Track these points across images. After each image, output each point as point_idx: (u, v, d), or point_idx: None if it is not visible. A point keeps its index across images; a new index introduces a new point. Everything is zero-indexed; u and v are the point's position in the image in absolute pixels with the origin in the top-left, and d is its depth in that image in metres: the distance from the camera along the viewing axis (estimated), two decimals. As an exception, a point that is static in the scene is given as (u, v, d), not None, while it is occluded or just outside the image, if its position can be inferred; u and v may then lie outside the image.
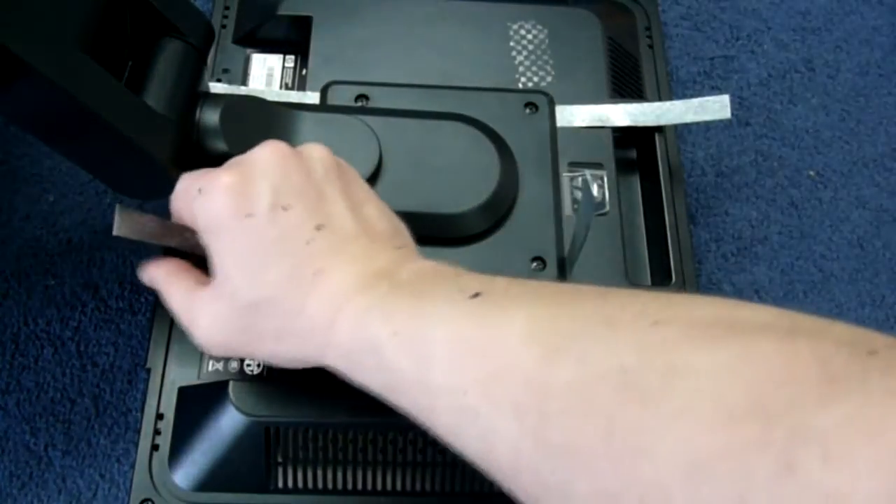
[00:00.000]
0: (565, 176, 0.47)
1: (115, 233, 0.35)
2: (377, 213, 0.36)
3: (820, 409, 0.21)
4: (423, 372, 0.30)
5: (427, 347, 0.30)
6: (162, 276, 0.37)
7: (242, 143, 0.37)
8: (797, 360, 0.22)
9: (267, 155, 0.35)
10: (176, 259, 0.38)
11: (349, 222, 0.34)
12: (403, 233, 0.37)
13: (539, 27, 0.51)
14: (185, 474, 0.41)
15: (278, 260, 0.33)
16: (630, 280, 0.44)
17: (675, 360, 0.24)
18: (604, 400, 0.25)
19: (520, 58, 0.50)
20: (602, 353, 0.26)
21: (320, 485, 0.41)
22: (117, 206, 0.35)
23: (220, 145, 0.39)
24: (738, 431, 0.21)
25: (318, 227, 0.34)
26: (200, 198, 0.34)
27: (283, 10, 0.51)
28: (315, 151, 0.36)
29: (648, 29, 0.55)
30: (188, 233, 0.37)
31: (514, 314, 0.29)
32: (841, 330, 0.24)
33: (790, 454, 0.20)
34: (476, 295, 0.30)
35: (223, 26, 0.52)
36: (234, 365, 0.41)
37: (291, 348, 0.34)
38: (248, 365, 0.41)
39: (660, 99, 0.52)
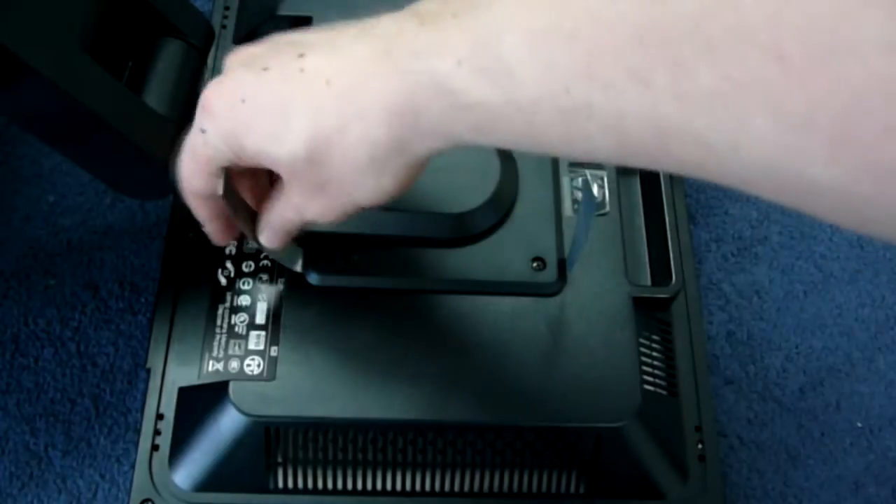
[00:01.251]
0: (565, 176, 0.47)
1: (220, 192, 0.35)
2: None
3: None
4: (507, 91, 0.26)
5: (502, 61, 0.26)
6: (273, 225, 0.37)
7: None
8: None
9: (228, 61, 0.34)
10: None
11: (321, 34, 0.32)
12: None
13: (539, 27, 0.51)
14: (185, 474, 0.41)
15: (290, 105, 0.31)
16: (630, 280, 0.44)
17: None
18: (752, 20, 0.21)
19: (520, 58, 0.50)
20: None
21: (320, 485, 0.41)
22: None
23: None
24: None
25: (301, 55, 0.32)
26: (205, 128, 0.33)
27: (283, 10, 0.51)
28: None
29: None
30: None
31: None
32: None
33: None
34: None
35: (223, 26, 0.52)
36: (234, 365, 0.41)
37: (368, 167, 0.31)
38: (248, 365, 0.41)
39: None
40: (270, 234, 0.37)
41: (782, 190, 0.23)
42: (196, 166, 0.35)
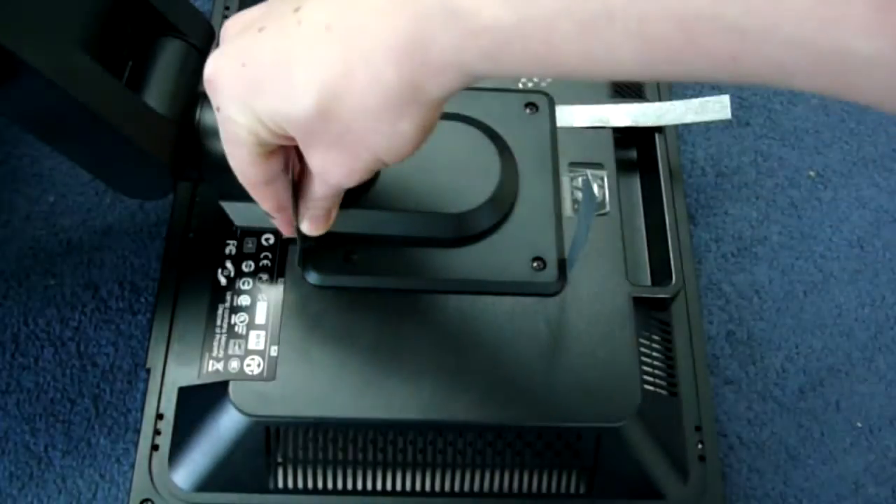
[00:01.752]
0: (565, 176, 0.47)
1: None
2: None
3: None
4: (521, 8, 0.25)
5: None
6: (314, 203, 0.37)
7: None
8: None
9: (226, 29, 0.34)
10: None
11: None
12: None
13: (539, 27, 0.51)
14: (185, 474, 0.41)
15: (292, 59, 0.30)
16: (630, 280, 0.44)
17: None
18: None
19: (520, 58, 0.50)
20: None
21: (320, 485, 0.41)
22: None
23: (220, 145, 0.39)
24: None
25: (297, 9, 0.30)
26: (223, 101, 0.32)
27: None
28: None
29: (648, 29, 0.55)
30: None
31: None
32: None
33: None
34: None
35: (223, 26, 0.52)
36: (234, 365, 0.41)
37: (382, 113, 0.29)
38: (248, 365, 0.41)
39: (660, 99, 0.52)
40: (309, 217, 0.37)
41: (820, 71, 0.22)
42: (233, 150, 0.34)
